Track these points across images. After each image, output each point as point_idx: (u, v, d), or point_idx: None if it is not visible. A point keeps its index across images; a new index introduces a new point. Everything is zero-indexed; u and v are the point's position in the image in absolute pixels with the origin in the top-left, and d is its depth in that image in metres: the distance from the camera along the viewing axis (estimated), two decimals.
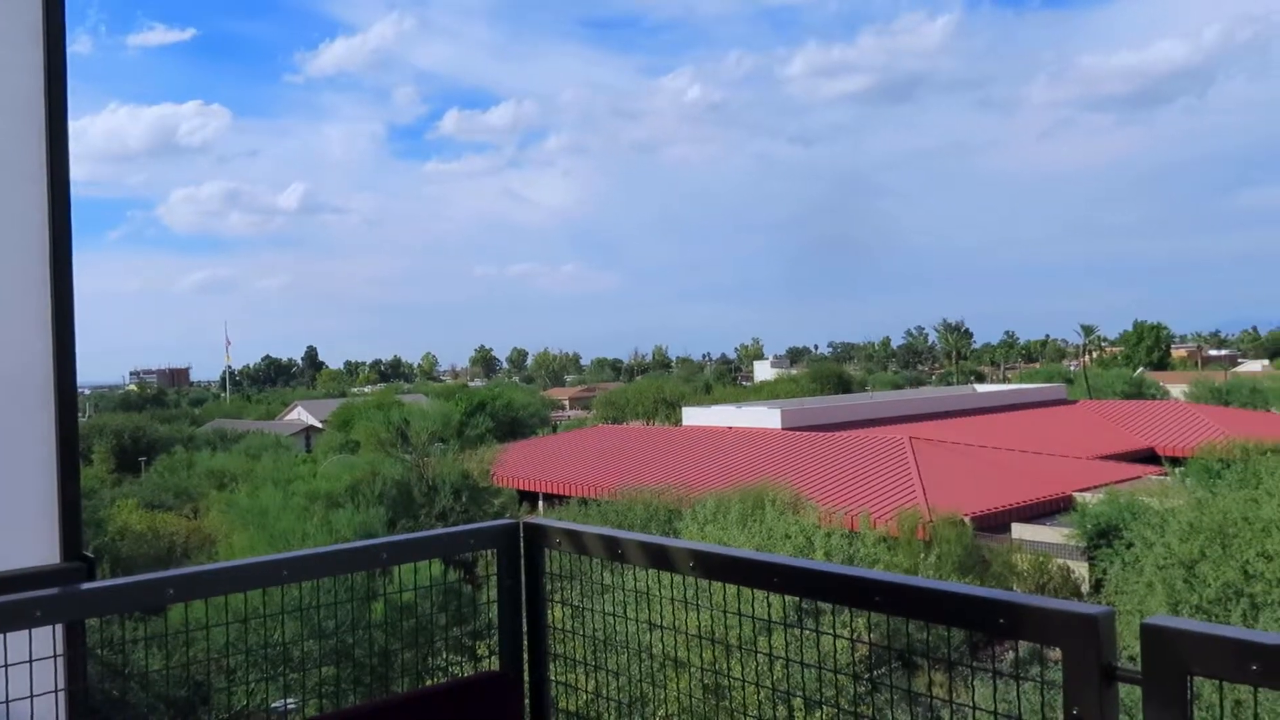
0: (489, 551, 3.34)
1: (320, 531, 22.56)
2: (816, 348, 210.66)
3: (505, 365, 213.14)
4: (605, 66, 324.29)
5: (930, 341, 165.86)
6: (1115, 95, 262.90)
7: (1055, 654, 2.01)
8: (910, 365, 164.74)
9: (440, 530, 3.60)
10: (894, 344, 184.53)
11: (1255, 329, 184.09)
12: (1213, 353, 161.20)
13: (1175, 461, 36.07)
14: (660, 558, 2.87)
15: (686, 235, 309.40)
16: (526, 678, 3.28)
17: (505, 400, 67.81)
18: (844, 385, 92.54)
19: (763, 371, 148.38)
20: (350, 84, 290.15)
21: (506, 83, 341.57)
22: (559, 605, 3.31)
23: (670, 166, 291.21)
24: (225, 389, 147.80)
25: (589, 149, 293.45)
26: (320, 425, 72.98)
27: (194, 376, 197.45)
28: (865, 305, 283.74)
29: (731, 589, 2.74)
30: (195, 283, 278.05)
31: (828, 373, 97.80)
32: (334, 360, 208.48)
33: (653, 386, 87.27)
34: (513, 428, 64.09)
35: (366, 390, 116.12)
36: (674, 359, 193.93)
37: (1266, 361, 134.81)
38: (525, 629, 3.30)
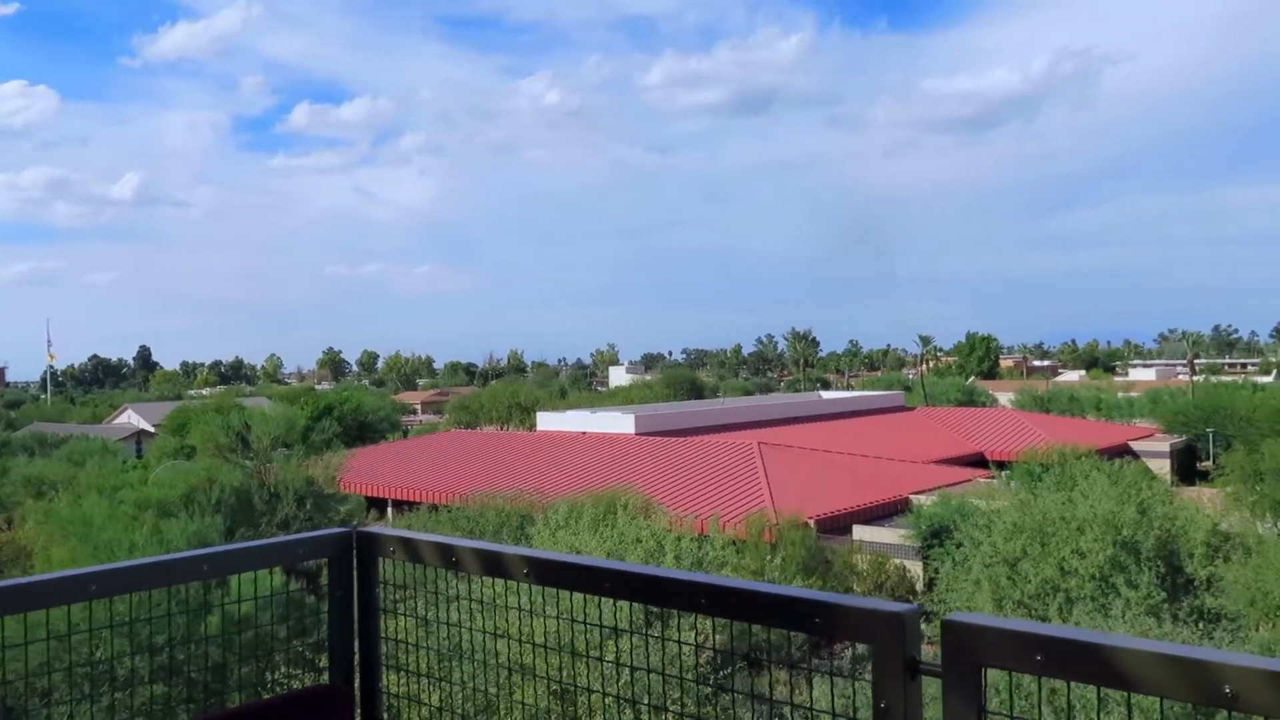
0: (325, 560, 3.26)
1: (150, 543, 21.32)
2: (671, 354, 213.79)
3: (355, 368, 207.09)
4: (464, 66, 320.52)
5: (779, 349, 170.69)
6: (954, 118, 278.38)
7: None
8: (760, 372, 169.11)
9: (267, 540, 3.46)
10: (745, 351, 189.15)
11: (1074, 341, 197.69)
12: (1036, 363, 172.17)
13: (1001, 465, 38.30)
14: (495, 565, 2.86)
15: (544, 239, 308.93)
16: (358, 690, 3.21)
17: (354, 404, 66.00)
18: (697, 391, 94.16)
19: (618, 377, 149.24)
20: (193, 70, 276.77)
21: (361, 77, 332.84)
22: (402, 616, 3.25)
23: (528, 169, 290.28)
24: (46, 390, 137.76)
25: (446, 148, 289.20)
26: (153, 430, 69.10)
27: (11, 376, 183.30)
28: (718, 312, 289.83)
29: (579, 596, 2.75)
30: (14, 275, 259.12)
31: (681, 379, 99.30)
32: (169, 361, 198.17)
33: (507, 391, 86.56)
34: (362, 432, 62.53)
35: (205, 393, 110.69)
36: (529, 363, 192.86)
37: (1083, 372, 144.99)
38: (358, 640, 3.24)
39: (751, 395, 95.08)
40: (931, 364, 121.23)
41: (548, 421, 54.57)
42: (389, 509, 40.74)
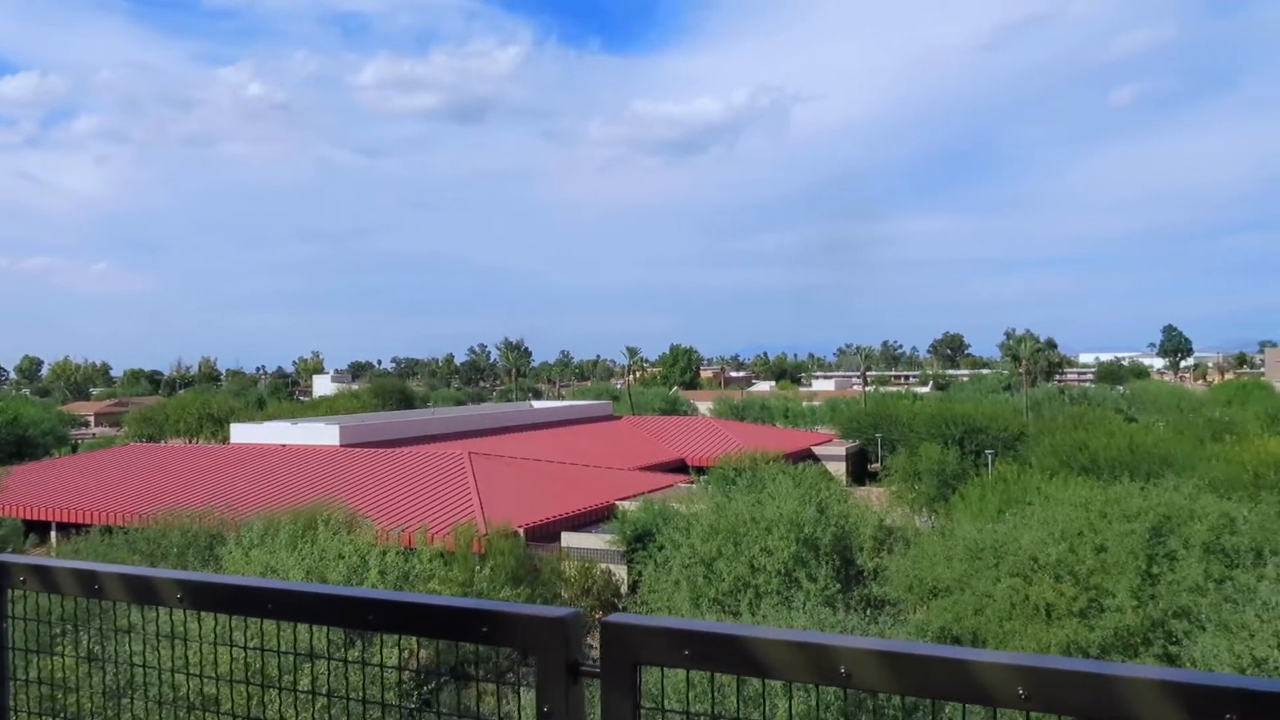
0: None
1: None
2: (380, 363, 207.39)
3: (12, 375, 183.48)
4: (153, 48, 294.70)
5: (492, 359, 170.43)
6: (662, 140, 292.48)
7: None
8: (472, 381, 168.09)
9: None
10: (458, 360, 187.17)
11: (766, 354, 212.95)
12: (733, 374, 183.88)
13: (700, 470, 40.56)
14: (145, 591, 2.65)
15: (243, 238, 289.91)
16: None
17: (10, 415, 59.32)
18: (407, 401, 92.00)
19: (323, 386, 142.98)
20: None
21: (26, 50, 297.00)
22: (58, 655, 2.93)
23: (226, 163, 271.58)
24: None
25: (130, 136, 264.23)
26: None
27: None
28: (430, 320, 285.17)
29: (271, 621, 2.61)
30: None
31: (390, 388, 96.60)
32: None
33: (197, 401, 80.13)
34: (20, 448, 56.62)
35: None
36: (224, 371, 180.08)
37: (774, 382, 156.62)
38: None
39: (463, 405, 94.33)
40: (638, 374, 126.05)
41: (243, 433, 51.21)
42: (52, 533, 36.51)
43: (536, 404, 77.16)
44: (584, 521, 32.58)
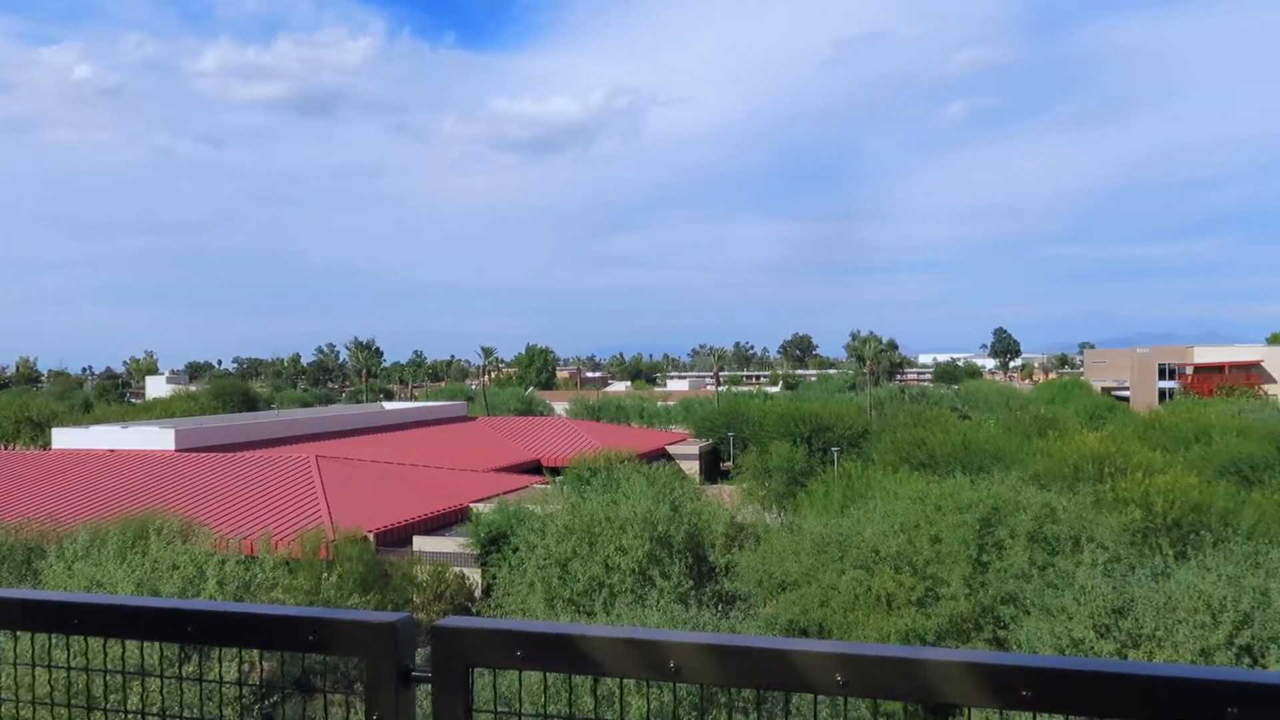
0: None
1: None
2: (220, 363, 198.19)
3: None
4: None
5: (341, 359, 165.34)
6: (517, 139, 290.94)
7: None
8: (320, 383, 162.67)
9: None
10: (304, 360, 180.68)
11: (622, 355, 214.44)
12: (589, 374, 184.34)
13: (556, 471, 40.49)
14: None
15: (67, 230, 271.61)
16: None
17: None
18: (249, 403, 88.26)
19: (157, 388, 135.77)
20: None
21: None
22: None
23: (50, 150, 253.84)
24: None
25: None
26: None
27: None
28: (275, 319, 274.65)
29: (98, 639, 2.45)
30: None
31: (231, 389, 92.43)
32: None
33: (14, 404, 74.53)
34: None
35: None
36: (45, 372, 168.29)
37: (629, 383, 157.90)
38: None
39: (310, 407, 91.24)
40: (493, 375, 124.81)
41: (67, 438, 48.07)
42: None
43: (388, 405, 75.35)
44: (437, 525, 32.04)
